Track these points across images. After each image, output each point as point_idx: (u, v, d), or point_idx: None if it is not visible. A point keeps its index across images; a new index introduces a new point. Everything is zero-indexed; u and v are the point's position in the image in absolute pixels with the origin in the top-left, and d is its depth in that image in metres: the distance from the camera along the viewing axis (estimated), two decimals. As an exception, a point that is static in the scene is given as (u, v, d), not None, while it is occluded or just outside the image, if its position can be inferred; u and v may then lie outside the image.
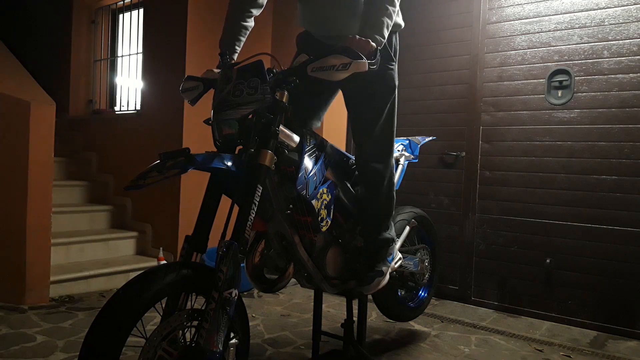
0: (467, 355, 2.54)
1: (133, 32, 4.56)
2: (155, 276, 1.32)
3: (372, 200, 2.06)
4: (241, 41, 1.97)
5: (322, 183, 1.81)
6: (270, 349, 2.52)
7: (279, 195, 1.72)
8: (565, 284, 3.11)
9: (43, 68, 4.76)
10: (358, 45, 1.55)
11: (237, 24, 1.96)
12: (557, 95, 3.17)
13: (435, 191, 3.65)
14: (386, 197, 2.08)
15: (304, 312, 3.15)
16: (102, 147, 4.53)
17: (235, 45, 1.95)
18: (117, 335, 1.24)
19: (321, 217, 1.76)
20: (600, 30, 3.04)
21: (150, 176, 1.35)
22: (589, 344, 2.78)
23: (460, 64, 3.55)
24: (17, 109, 3.04)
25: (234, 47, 1.94)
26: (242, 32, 1.97)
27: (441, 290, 3.54)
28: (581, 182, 3.08)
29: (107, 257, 3.79)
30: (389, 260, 2.13)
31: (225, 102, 1.55)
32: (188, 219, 3.74)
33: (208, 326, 1.32)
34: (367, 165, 2.03)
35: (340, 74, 1.47)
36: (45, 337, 2.55)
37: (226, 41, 1.94)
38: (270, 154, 1.53)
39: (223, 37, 1.96)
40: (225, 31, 1.97)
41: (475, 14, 3.48)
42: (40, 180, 3.04)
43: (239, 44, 1.96)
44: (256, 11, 2.00)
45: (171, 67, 3.89)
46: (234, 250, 1.39)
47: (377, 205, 2.07)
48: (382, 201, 2.07)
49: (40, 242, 3.03)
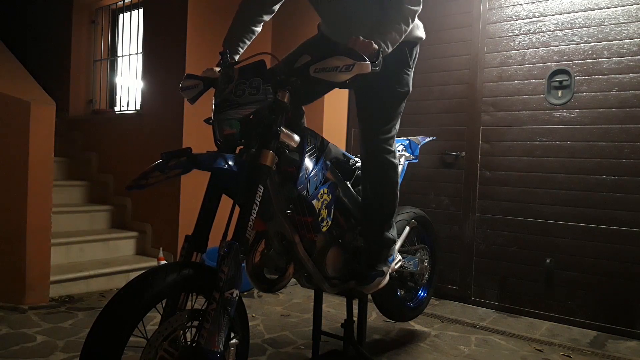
0: (467, 355, 2.54)
1: (133, 32, 4.55)
2: (156, 276, 1.32)
3: (377, 199, 2.06)
4: (246, 44, 1.97)
5: (323, 183, 1.81)
6: (270, 349, 2.52)
7: (280, 195, 1.72)
8: (565, 284, 3.12)
9: (43, 68, 4.76)
10: (361, 46, 1.55)
11: (246, 27, 1.97)
12: (557, 95, 3.17)
13: (435, 191, 3.65)
14: (390, 195, 2.09)
15: (304, 312, 3.15)
16: (102, 147, 4.53)
17: (238, 46, 1.95)
18: (118, 335, 1.23)
19: (322, 217, 1.76)
20: (600, 30, 3.04)
21: (152, 176, 1.34)
22: (589, 344, 2.78)
23: (460, 64, 3.55)
24: (17, 109, 3.03)
25: (237, 48, 1.94)
26: (249, 36, 1.98)
27: (441, 290, 3.54)
28: (581, 182, 3.08)
29: (107, 257, 3.79)
30: (389, 260, 2.13)
31: (226, 102, 1.55)
32: (188, 219, 3.74)
33: (209, 326, 1.32)
34: (372, 161, 2.04)
35: (343, 75, 1.47)
36: (45, 337, 2.55)
37: (231, 42, 1.94)
38: (271, 154, 1.53)
39: (228, 37, 1.96)
40: (231, 32, 1.97)
41: (475, 14, 3.48)
42: (40, 180, 3.04)
43: (243, 46, 1.97)
44: (267, 17, 2.02)
45: (171, 67, 3.89)
46: (235, 251, 1.39)
47: (381, 204, 2.08)
48: (387, 199, 2.08)
49: (40, 242, 3.03)
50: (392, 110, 2.02)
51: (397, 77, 2.01)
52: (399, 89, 2.02)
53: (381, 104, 2.01)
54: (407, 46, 2.00)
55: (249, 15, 1.98)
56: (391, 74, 1.93)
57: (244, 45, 1.97)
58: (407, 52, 2.03)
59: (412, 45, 2.06)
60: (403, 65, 2.03)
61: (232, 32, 1.97)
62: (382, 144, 2.02)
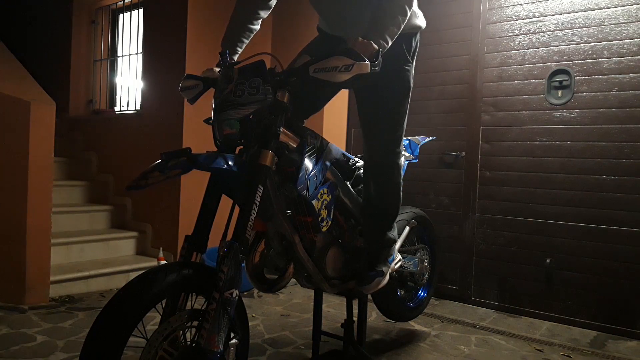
0: (467, 355, 2.54)
1: (133, 32, 4.56)
2: (156, 276, 1.32)
3: (380, 200, 2.05)
4: (244, 43, 1.94)
5: (323, 183, 1.81)
6: (270, 349, 2.52)
7: (280, 195, 1.72)
8: (565, 284, 3.12)
9: (43, 68, 4.76)
10: (360, 46, 1.55)
11: (244, 25, 1.93)
12: (557, 95, 3.17)
13: (435, 191, 3.65)
14: (394, 196, 2.08)
15: (304, 312, 3.15)
16: (102, 147, 4.53)
17: (237, 46, 1.92)
18: (118, 335, 1.23)
19: (321, 217, 1.76)
20: (600, 30, 3.04)
21: (151, 176, 1.34)
22: (589, 344, 2.78)
23: (460, 64, 3.55)
24: (17, 109, 3.03)
25: (236, 48, 1.91)
26: (247, 35, 1.94)
27: (441, 290, 3.54)
28: (581, 182, 3.08)
29: (107, 257, 3.79)
30: (389, 261, 2.13)
31: (226, 102, 1.54)
32: (188, 219, 3.74)
33: (209, 326, 1.32)
34: (377, 162, 2.02)
35: (342, 76, 1.47)
36: (45, 337, 2.55)
37: (229, 41, 1.91)
38: (271, 154, 1.53)
39: (226, 37, 1.93)
40: (229, 31, 1.93)
41: (475, 14, 3.48)
42: (40, 180, 3.04)
43: (242, 46, 1.93)
44: (264, 13, 1.97)
45: (171, 67, 3.89)
46: (235, 251, 1.39)
47: (384, 205, 2.07)
48: (390, 201, 2.07)
49: (40, 242, 3.03)
50: (394, 109, 1.99)
51: (397, 74, 1.95)
52: (399, 86, 1.97)
53: (383, 104, 1.97)
54: (404, 39, 1.89)
55: (245, 13, 1.93)
56: (390, 71, 1.84)
57: (243, 45, 1.93)
58: (405, 46, 1.95)
59: (409, 37, 1.97)
60: (401, 60, 1.95)
61: (229, 31, 1.93)
62: (386, 145, 2.00)
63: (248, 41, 1.96)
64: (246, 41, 1.95)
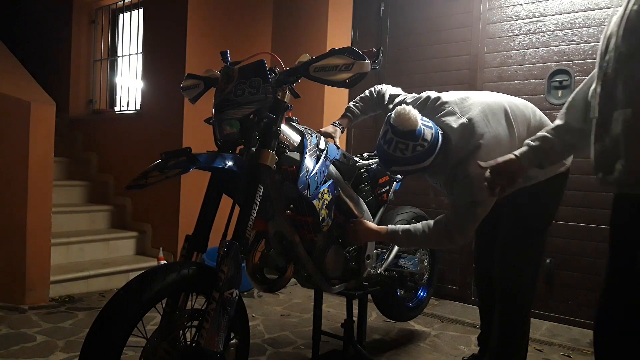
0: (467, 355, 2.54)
1: (133, 32, 4.55)
2: (156, 276, 1.32)
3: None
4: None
5: (323, 183, 1.81)
6: (270, 349, 2.52)
7: (280, 195, 1.72)
8: (565, 284, 3.11)
9: (43, 68, 4.76)
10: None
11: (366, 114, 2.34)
12: (557, 95, 3.17)
13: (435, 191, 3.65)
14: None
15: (304, 312, 3.15)
16: (102, 147, 4.53)
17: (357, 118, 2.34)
18: (118, 335, 1.23)
19: (322, 217, 1.76)
20: (600, 30, 3.03)
21: (151, 176, 1.34)
22: (589, 344, 2.78)
23: (460, 64, 3.55)
24: (17, 109, 3.03)
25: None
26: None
27: (441, 290, 3.54)
28: (581, 182, 3.08)
29: (107, 257, 3.79)
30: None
31: (226, 102, 1.55)
32: (188, 219, 3.74)
33: (209, 326, 1.32)
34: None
35: (343, 75, 1.47)
36: (45, 337, 2.55)
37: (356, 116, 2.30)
38: (271, 154, 1.53)
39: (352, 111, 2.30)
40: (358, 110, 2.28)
41: (475, 14, 3.48)
42: (40, 180, 3.04)
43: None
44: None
45: (171, 67, 3.89)
46: (235, 250, 1.39)
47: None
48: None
49: (40, 242, 3.02)
50: None
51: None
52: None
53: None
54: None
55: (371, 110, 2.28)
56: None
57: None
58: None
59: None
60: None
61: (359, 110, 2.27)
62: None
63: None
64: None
